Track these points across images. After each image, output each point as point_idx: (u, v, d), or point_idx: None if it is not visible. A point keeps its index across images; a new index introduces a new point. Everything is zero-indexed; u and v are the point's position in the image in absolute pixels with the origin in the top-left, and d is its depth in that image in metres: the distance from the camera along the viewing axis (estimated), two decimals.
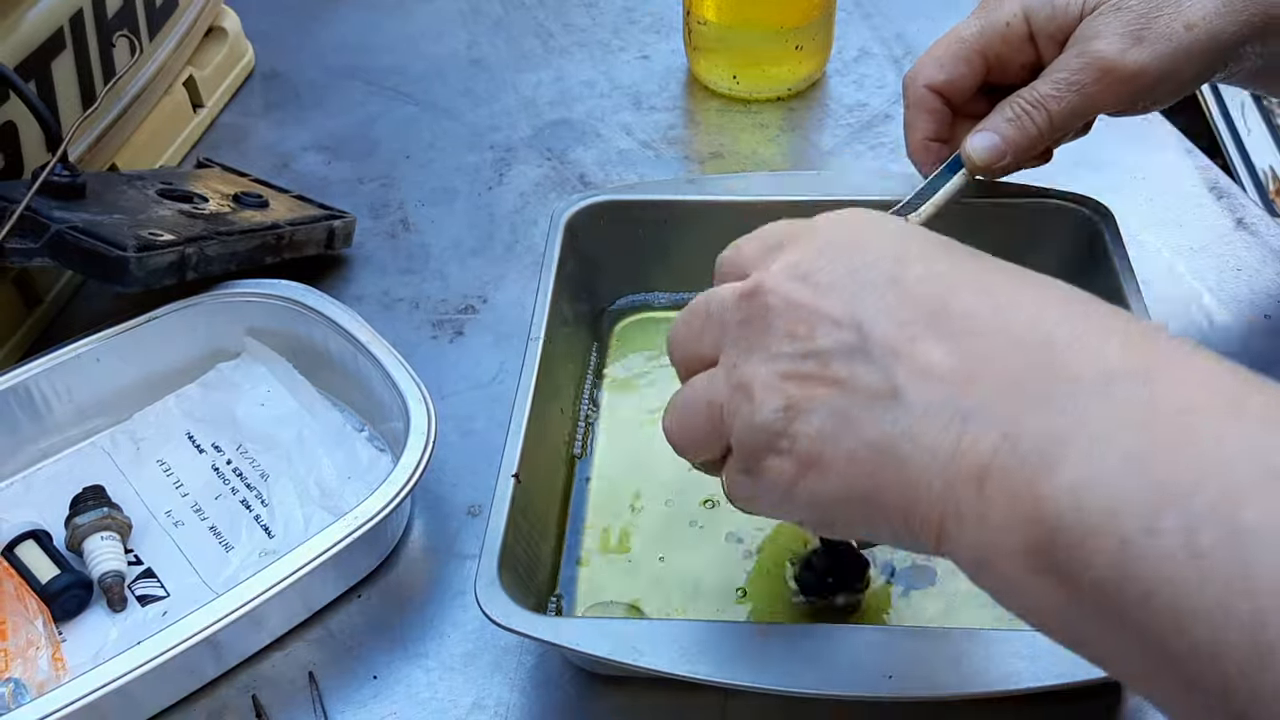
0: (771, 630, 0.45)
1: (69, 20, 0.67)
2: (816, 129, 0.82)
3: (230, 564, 0.57)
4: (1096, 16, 0.54)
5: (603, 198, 0.65)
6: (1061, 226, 0.63)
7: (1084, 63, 0.54)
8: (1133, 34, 0.53)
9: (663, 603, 0.54)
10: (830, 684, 0.43)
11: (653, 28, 0.93)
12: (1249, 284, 0.68)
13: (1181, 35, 0.53)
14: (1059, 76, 0.54)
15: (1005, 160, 0.56)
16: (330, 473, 0.59)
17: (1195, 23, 0.53)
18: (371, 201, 0.79)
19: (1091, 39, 0.53)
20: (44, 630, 0.53)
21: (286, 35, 0.94)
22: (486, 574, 0.47)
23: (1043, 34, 0.55)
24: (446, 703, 0.52)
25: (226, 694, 0.52)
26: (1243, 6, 0.54)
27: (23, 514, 0.58)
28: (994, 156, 0.56)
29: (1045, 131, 0.55)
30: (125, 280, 0.59)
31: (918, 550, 0.36)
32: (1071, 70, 0.54)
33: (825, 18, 0.82)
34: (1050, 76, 0.55)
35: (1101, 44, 0.53)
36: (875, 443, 0.34)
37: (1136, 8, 0.53)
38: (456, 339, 0.69)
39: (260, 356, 0.64)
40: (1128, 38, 0.53)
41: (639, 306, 0.68)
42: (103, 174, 0.71)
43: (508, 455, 0.52)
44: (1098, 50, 0.53)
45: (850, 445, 0.35)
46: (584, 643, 0.45)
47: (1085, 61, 0.53)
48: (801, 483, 0.36)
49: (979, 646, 0.44)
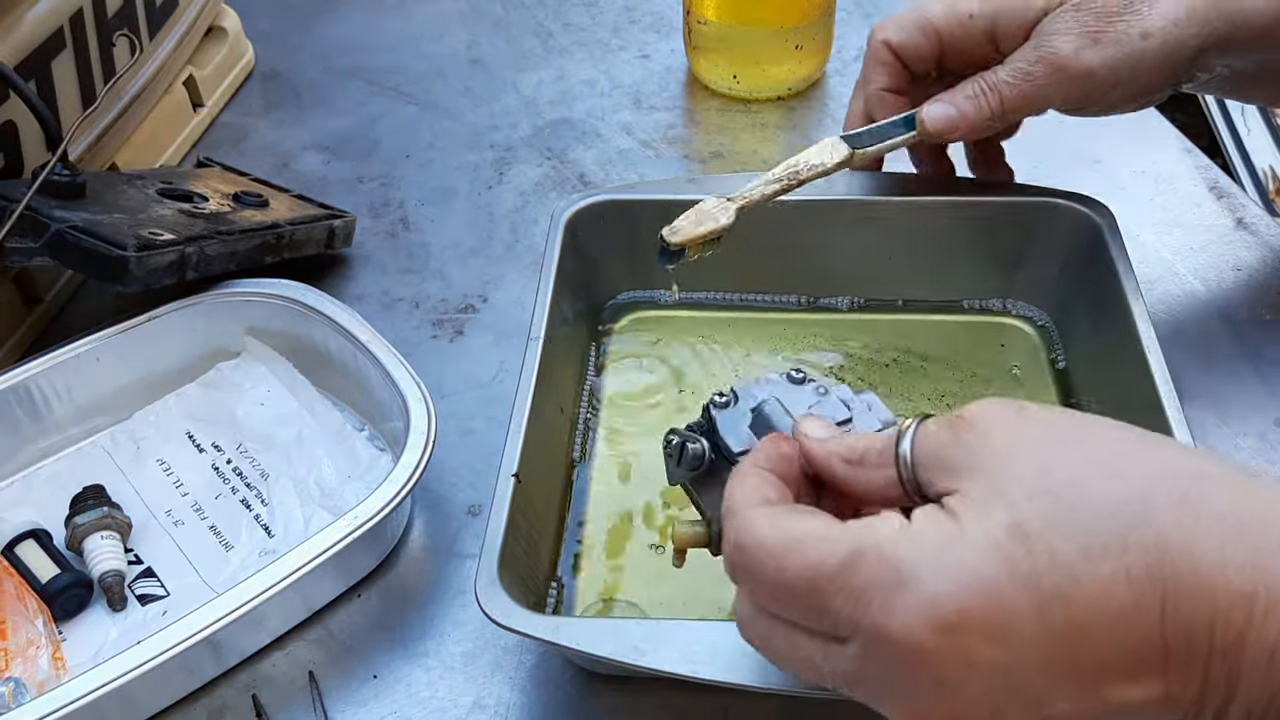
0: None
1: (69, 20, 0.67)
2: (816, 129, 0.82)
3: (230, 563, 0.57)
4: (1058, 14, 0.56)
5: (603, 197, 0.65)
6: (1063, 226, 0.63)
7: (1039, 56, 0.56)
8: (1089, 35, 0.55)
9: (662, 602, 0.54)
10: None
11: (653, 27, 0.93)
12: (1249, 284, 0.68)
13: (1136, 42, 0.54)
14: (1016, 66, 0.56)
15: (957, 132, 0.58)
16: (330, 472, 0.59)
17: (1152, 31, 0.54)
18: (371, 201, 0.79)
19: (1050, 35, 0.56)
20: (44, 630, 0.53)
21: (286, 35, 0.94)
22: (486, 573, 0.47)
23: (1006, 28, 0.58)
24: (446, 702, 0.52)
25: (226, 694, 0.52)
26: (1206, 18, 0.55)
27: (23, 513, 0.58)
28: (946, 126, 0.58)
29: (997, 113, 0.57)
30: (125, 280, 0.59)
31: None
32: (1028, 62, 0.56)
33: (825, 18, 0.82)
34: (1008, 65, 0.57)
35: (1058, 40, 0.55)
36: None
37: (1097, 10, 0.55)
38: (456, 339, 0.69)
39: (260, 356, 0.64)
40: (1084, 38, 0.55)
41: (638, 305, 0.68)
42: (103, 173, 0.71)
43: (508, 455, 0.52)
44: (1053, 46, 0.55)
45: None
46: (585, 642, 0.45)
47: (1040, 55, 0.56)
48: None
49: None
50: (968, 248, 0.65)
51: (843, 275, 0.66)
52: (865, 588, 0.34)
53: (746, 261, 0.65)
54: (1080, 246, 0.62)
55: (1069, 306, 0.64)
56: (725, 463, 0.46)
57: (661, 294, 0.68)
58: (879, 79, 0.61)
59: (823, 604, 0.35)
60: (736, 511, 0.38)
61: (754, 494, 0.38)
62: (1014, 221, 0.63)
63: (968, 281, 0.66)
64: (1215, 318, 0.66)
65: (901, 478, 0.38)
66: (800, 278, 0.67)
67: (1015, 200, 0.63)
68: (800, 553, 0.35)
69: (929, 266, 0.65)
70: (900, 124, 0.61)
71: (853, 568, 0.34)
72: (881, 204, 0.64)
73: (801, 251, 0.66)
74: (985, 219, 0.64)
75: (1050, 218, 0.63)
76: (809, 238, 0.65)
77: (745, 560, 0.37)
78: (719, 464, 0.47)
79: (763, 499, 0.38)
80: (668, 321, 0.67)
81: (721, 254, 0.64)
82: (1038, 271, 0.64)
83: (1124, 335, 0.57)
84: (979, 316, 0.66)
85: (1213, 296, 0.67)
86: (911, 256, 0.65)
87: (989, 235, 0.64)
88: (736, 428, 0.46)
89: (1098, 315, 0.60)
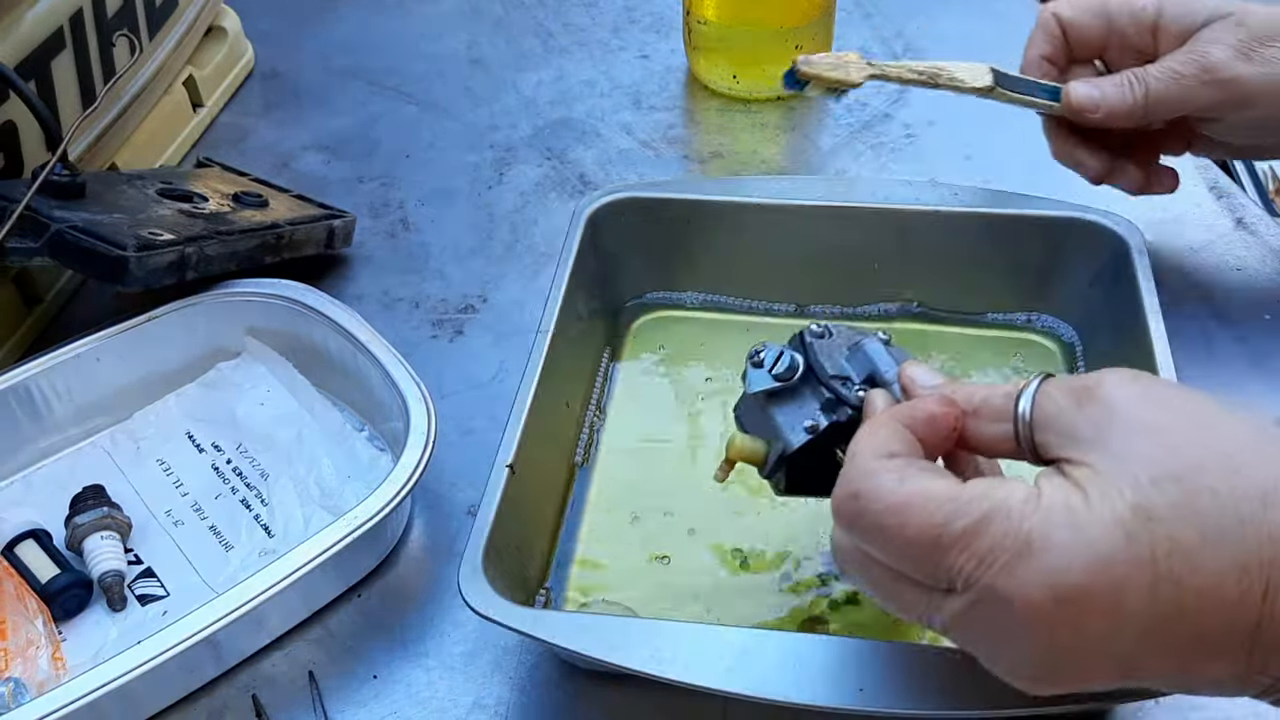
0: (753, 636, 0.45)
1: (69, 20, 0.67)
2: (816, 129, 0.82)
3: (230, 563, 0.57)
4: (1217, 26, 0.60)
5: (626, 194, 0.65)
6: (1091, 243, 0.62)
7: (1191, 59, 0.60)
8: (1242, 48, 0.59)
9: (654, 605, 0.54)
10: (804, 693, 0.43)
11: (653, 27, 0.93)
12: (1249, 284, 0.68)
13: None
14: (1166, 65, 0.61)
15: (1098, 111, 0.62)
16: (330, 472, 0.59)
17: None
18: (371, 201, 0.79)
19: (1206, 43, 0.60)
20: (44, 630, 0.53)
21: (286, 35, 0.94)
22: (470, 563, 0.47)
23: (1167, 29, 0.62)
24: (446, 702, 0.52)
25: (226, 694, 0.52)
26: None
27: (23, 514, 0.58)
28: (1089, 103, 0.62)
29: (1139, 103, 0.61)
30: (125, 280, 0.59)
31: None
32: (1179, 62, 0.60)
33: (825, 17, 0.82)
34: (1160, 63, 0.61)
35: (1213, 48, 0.59)
36: None
37: (1254, 29, 0.59)
38: (456, 339, 0.69)
39: (260, 356, 0.64)
40: (1238, 51, 0.59)
41: (657, 304, 0.68)
42: (103, 173, 0.71)
43: (504, 444, 0.52)
44: (1206, 51, 0.60)
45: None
46: (562, 636, 0.45)
47: (1193, 58, 0.60)
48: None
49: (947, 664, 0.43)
50: (994, 260, 0.64)
51: (866, 284, 0.66)
52: (991, 550, 0.35)
53: (767, 266, 0.65)
54: (1108, 264, 0.62)
55: (1093, 323, 0.63)
56: (810, 385, 0.47)
57: (682, 295, 0.68)
58: (1039, 45, 0.64)
59: (940, 560, 0.36)
60: (861, 459, 0.39)
61: (883, 445, 0.39)
62: (1042, 236, 0.63)
63: (993, 294, 0.65)
64: (1215, 318, 0.66)
65: (1018, 434, 0.39)
66: (821, 285, 0.66)
67: (1045, 215, 0.63)
68: (927, 511, 0.37)
69: (956, 277, 0.65)
70: (1047, 90, 0.63)
71: (980, 531, 0.36)
72: (910, 214, 0.63)
73: (824, 257, 0.65)
74: (1013, 232, 0.63)
75: (1080, 234, 0.62)
76: (832, 243, 0.65)
77: (859, 508, 0.38)
78: (802, 387, 0.47)
79: (889, 452, 0.39)
80: (685, 323, 0.67)
81: (744, 256, 0.64)
82: (1064, 287, 0.64)
83: (1140, 354, 0.56)
84: (1001, 331, 0.65)
85: (1213, 297, 0.67)
86: (937, 267, 0.65)
87: (1016, 248, 0.64)
88: (832, 356, 0.47)
89: (1118, 333, 0.60)
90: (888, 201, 0.64)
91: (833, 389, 0.46)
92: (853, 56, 0.61)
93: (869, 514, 0.38)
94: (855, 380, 0.47)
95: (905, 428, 0.40)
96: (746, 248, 0.65)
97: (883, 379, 0.46)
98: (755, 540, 0.56)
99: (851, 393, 0.46)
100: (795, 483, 0.48)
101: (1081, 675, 0.36)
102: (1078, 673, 0.36)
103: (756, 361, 0.48)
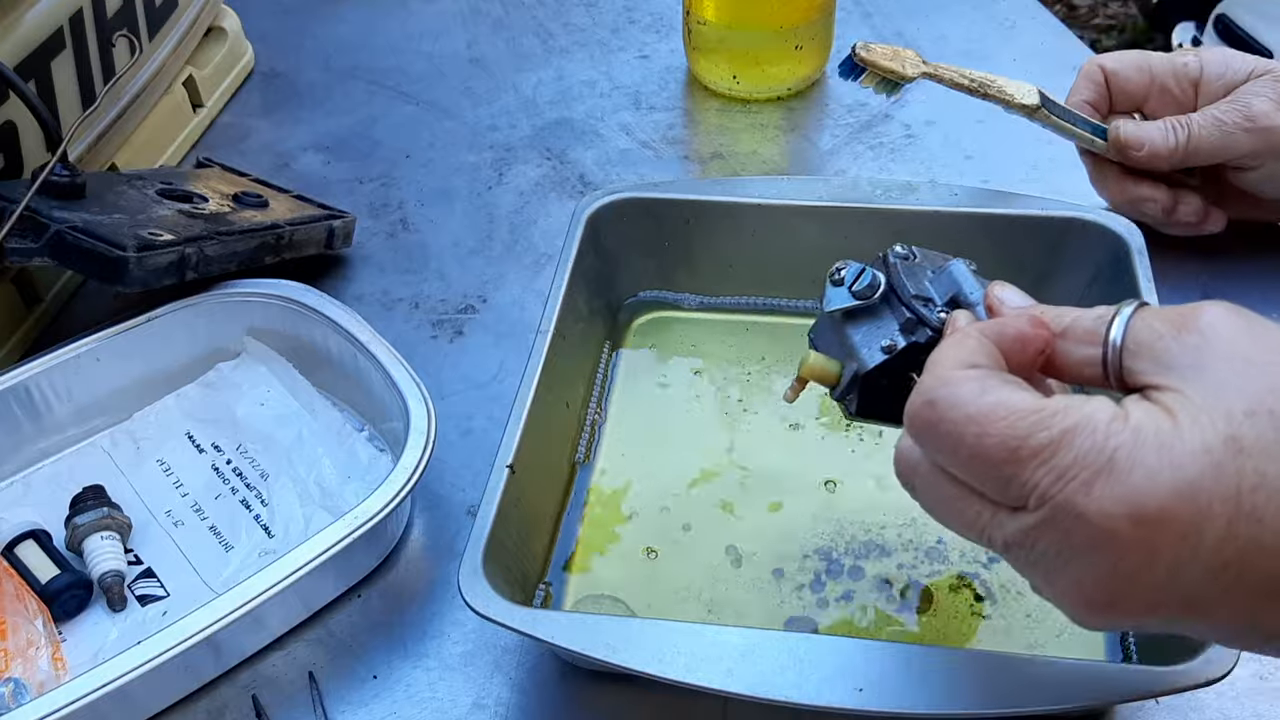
0: (753, 636, 0.45)
1: (69, 20, 0.67)
2: (816, 129, 0.82)
3: (230, 564, 0.57)
4: (1260, 81, 0.64)
5: (626, 194, 0.65)
6: (1091, 243, 0.62)
7: (1235, 108, 0.64)
8: None
9: (654, 605, 0.54)
10: (804, 693, 0.43)
11: (653, 28, 0.93)
12: (1251, 285, 0.68)
13: None
14: (1209, 112, 0.65)
15: (1142, 150, 0.66)
16: (330, 473, 0.59)
17: None
18: (371, 201, 0.79)
19: (1249, 94, 0.64)
20: (44, 630, 0.53)
21: (286, 35, 0.94)
22: (470, 562, 0.47)
23: (1209, 84, 0.66)
24: (446, 702, 0.52)
25: (226, 694, 0.52)
26: None
27: (23, 514, 0.58)
28: (1134, 141, 0.66)
29: (1182, 145, 0.65)
30: (125, 280, 0.59)
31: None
32: (1222, 111, 0.64)
33: (825, 17, 0.82)
34: (1203, 111, 0.65)
35: (1255, 100, 0.64)
36: None
37: None
38: (456, 339, 0.69)
39: (260, 356, 0.64)
40: (1277, 103, 0.63)
41: (657, 304, 0.68)
42: (103, 174, 0.71)
43: (504, 444, 0.52)
44: (1249, 103, 0.64)
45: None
46: (560, 636, 0.45)
47: (1236, 108, 0.64)
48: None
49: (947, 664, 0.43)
50: (993, 260, 0.64)
51: None
52: (1071, 465, 0.34)
53: (767, 265, 0.65)
54: (1107, 264, 0.61)
55: None
56: (889, 306, 0.46)
57: (682, 295, 0.68)
58: (1083, 91, 0.68)
59: (1016, 474, 0.35)
60: (941, 368, 0.38)
61: (968, 356, 0.38)
62: (1042, 236, 0.63)
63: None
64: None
65: (1105, 360, 0.38)
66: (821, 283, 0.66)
67: (1044, 215, 0.63)
68: (1008, 422, 0.36)
69: None
70: (1091, 125, 0.67)
71: (1062, 445, 0.35)
72: (910, 214, 0.63)
73: (823, 256, 0.65)
74: (1013, 232, 0.63)
75: (1080, 234, 0.62)
76: (832, 243, 0.65)
77: (936, 417, 0.37)
78: (881, 307, 0.46)
79: (972, 363, 0.38)
80: (685, 323, 0.67)
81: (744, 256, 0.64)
82: (1064, 287, 0.63)
83: None
84: None
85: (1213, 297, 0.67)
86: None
87: (1015, 248, 0.64)
88: (915, 277, 0.46)
89: None
90: (887, 202, 0.64)
91: (914, 309, 0.45)
92: (910, 53, 0.62)
93: (946, 422, 0.37)
94: (938, 302, 0.45)
95: (993, 343, 0.39)
96: (746, 248, 0.65)
97: (967, 300, 0.45)
98: (754, 540, 0.56)
99: (933, 314, 0.45)
100: (867, 406, 0.47)
101: (1141, 608, 0.35)
102: (1138, 604, 0.35)
103: (836, 279, 0.47)
